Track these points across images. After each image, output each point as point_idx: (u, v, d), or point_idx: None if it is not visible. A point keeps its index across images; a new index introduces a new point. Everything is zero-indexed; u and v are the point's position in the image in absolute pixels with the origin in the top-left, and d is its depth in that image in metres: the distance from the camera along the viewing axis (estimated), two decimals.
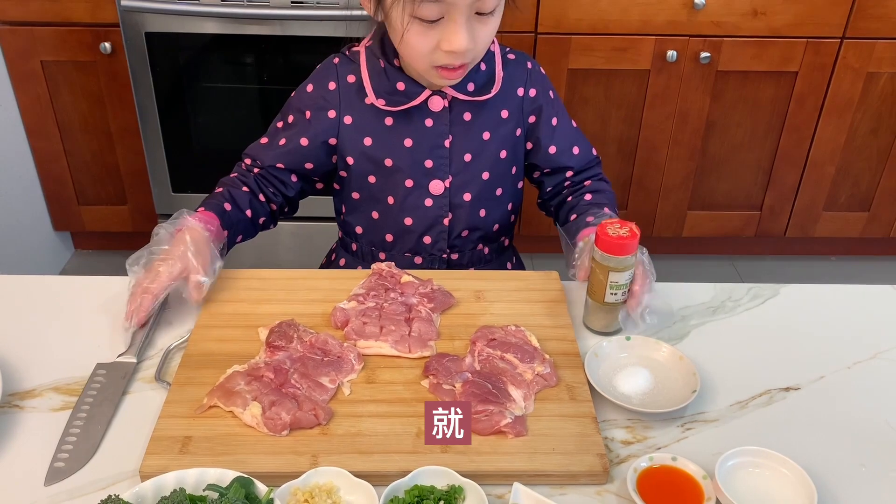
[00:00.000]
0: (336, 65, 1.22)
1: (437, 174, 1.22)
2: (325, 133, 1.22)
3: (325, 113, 1.21)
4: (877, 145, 2.31)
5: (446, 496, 0.80)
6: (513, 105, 1.23)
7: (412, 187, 1.23)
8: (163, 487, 0.78)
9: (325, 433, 0.89)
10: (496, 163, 1.24)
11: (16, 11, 2.06)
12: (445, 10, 1.02)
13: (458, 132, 1.21)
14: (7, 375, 0.96)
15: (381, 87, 1.18)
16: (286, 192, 1.26)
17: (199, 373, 0.97)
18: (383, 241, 1.29)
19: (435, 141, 1.21)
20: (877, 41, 2.12)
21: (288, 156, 1.23)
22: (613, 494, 0.85)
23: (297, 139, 1.22)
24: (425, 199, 1.24)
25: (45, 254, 2.46)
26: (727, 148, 2.31)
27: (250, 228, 1.23)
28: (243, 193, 1.21)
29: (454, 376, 0.96)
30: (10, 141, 2.23)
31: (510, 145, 1.24)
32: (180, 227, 1.08)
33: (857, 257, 2.61)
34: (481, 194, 1.25)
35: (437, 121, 1.20)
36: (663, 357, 1.01)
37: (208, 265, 1.07)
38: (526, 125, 1.25)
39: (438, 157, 1.21)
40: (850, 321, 1.11)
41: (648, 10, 2.07)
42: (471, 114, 1.21)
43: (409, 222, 1.26)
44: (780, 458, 0.84)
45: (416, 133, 1.20)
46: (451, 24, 1.04)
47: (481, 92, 1.19)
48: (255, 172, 1.25)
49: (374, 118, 1.20)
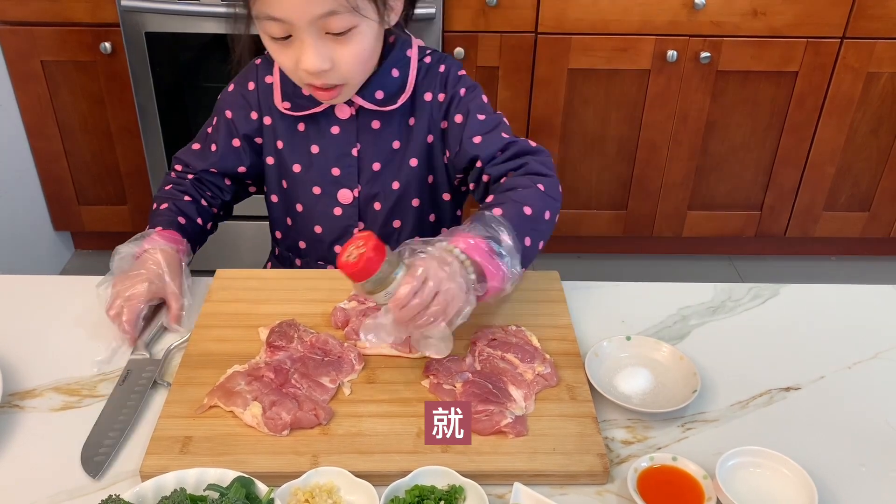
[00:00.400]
0: (257, 66, 1.21)
1: (344, 183, 1.20)
2: (251, 132, 1.21)
3: (247, 113, 1.20)
4: (877, 145, 2.31)
5: (447, 496, 0.80)
6: (422, 112, 1.17)
7: (320, 195, 1.22)
8: (163, 487, 0.78)
9: (326, 433, 0.89)
10: (407, 172, 1.20)
11: (16, 11, 2.06)
12: (291, 29, 0.99)
13: (366, 141, 1.18)
14: (7, 375, 0.96)
15: (290, 90, 1.16)
16: (222, 196, 1.25)
17: (199, 373, 0.97)
18: (298, 248, 1.29)
19: (342, 149, 1.18)
20: (877, 41, 2.12)
21: (222, 160, 1.22)
22: (614, 494, 0.85)
23: (227, 142, 1.21)
24: (334, 208, 1.22)
25: (46, 254, 2.46)
26: (727, 148, 2.31)
27: (203, 236, 1.22)
28: (188, 203, 1.19)
29: (454, 376, 0.96)
30: (11, 141, 2.23)
31: (422, 154, 1.19)
32: (146, 248, 1.07)
33: (857, 257, 2.61)
34: (393, 205, 1.22)
35: (343, 129, 1.17)
36: (663, 357, 1.01)
37: (184, 287, 1.07)
38: (438, 131, 1.19)
39: (346, 165, 1.19)
40: (850, 321, 1.11)
41: (649, 10, 2.07)
42: (379, 122, 1.17)
43: (319, 231, 1.24)
44: (781, 457, 0.84)
45: (323, 140, 1.18)
46: (300, 43, 1.00)
47: (391, 100, 1.15)
48: (189, 178, 1.22)
49: (289, 122, 1.19)
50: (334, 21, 0.98)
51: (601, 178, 2.36)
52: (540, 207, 1.03)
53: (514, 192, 1.04)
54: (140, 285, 1.03)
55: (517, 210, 1.01)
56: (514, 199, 1.02)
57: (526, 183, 1.06)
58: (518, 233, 0.97)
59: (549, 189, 1.06)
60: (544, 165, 1.10)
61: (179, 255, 1.09)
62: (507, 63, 2.14)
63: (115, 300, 1.03)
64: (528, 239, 0.99)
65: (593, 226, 2.44)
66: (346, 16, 0.99)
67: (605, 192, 2.39)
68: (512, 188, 1.05)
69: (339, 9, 0.98)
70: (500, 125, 1.15)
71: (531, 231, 1.00)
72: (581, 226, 2.44)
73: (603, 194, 2.39)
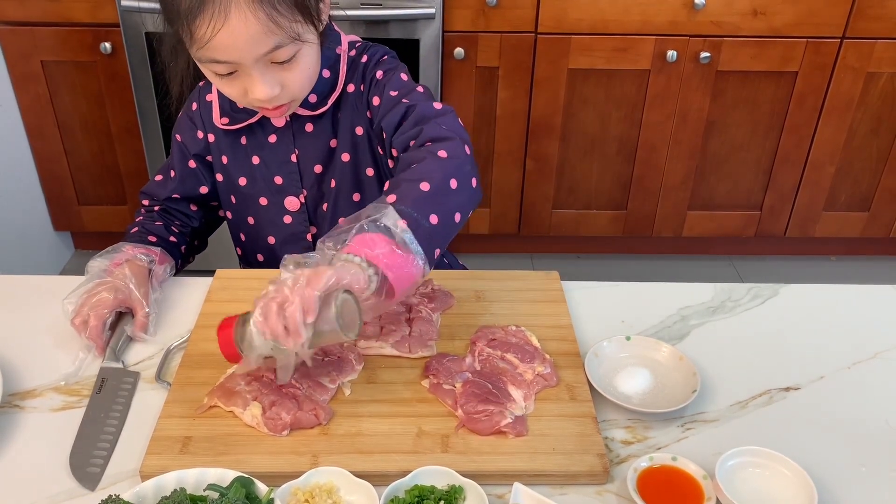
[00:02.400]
0: (200, 87, 1.21)
1: (289, 190, 1.20)
2: (202, 151, 1.21)
3: (194, 133, 1.21)
4: (877, 145, 2.31)
5: (447, 496, 0.80)
6: (346, 106, 1.15)
7: (267, 206, 1.22)
8: (163, 487, 0.78)
9: (326, 433, 0.89)
10: (340, 168, 1.18)
11: (16, 12, 2.06)
12: (236, 66, 0.98)
13: (303, 145, 1.17)
14: (7, 375, 0.97)
15: (226, 106, 1.17)
16: (191, 223, 1.25)
17: (199, 373, 0.97)
18: (257, 261, 1.29)
19: (281, 157, 1.18)
20: (877, 41, 2.12)
21: (182, 185, 1.22)
22: (613, 494, 0.85)
23: (183, 165, 1.22)
24: (283, 217, 1.22)
25: (46, 254, 2.46)
26: (727, 148, 2.31)
27: (179, 255, 1.21)
28: (158, 226, 1.20)
29: (454, 376, 0.96)
30: (11, 141, 2.23)
31: (352, 148, 1.17)
32: (119, 261, 1.08)
33: (856, 257, 2.61)
34: (338, 203, 1.21)
35: (280, 136, 1.17)
36: (663, 357, 1.01)
37: (150, 296, 1.07)
38: (366, 122, 1.15)
39: (287, 172, 1.19)
40: (850, 321, 1.11)
41: (648, 10, 2.07)
42: (312, 124, 1.16)
43: (273, 241, 1.25)
44: (781, 457, 0.84)
45: (262, 150, 1.18)
46: (247, 77, 1.00)
47: (323, 101, 1.14)
48: (156, 210, 1.23)
49: (228, 137, 1.19)
50: (279, 53, 0.98)
51: (601, 178, 2.36)
52: (441, 178, 0.93)
53: (409, 170, 0.95)
54: (106, 293, 1.03)
55: (413, 190, 0.91)
56: (408, 179, 0.93)
57: (421, 156, 0.97)
58: (421, 212, 0.89)
59: (452, 152, 0.97)
60: (445, 127, 1.01)
61: (146, 268, 1.09)
62: (507, 63, 2.14)
63: (80, 308, 1.03)
64: (434, 216, 0.90)
65: (593, 226, 2.44)
66: (290, 46, 0.98)
67: (604, 192, 2.39)
68: (407, 166, 0.97)
69: (284, 41, 0.97)
70: (411, 93, 1.08)
71: (435, 207, 0.91)
72: (581, 226, 2.44)
73: (603, 194, 2.39)
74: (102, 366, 1.00)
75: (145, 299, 1.05)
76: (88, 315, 1.01)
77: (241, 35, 0.94)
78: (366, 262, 0.84)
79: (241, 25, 0.93)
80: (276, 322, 0.81)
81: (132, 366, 1.01)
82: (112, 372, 0.99)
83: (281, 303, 0.82)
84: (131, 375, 0.99)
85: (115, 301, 1.03)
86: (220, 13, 0.93)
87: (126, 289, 1.04)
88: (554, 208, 2.41)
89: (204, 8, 0.93)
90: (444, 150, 0.97)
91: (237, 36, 0.94)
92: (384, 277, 0.85)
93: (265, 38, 0.96)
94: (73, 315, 1.03)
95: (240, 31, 0.94)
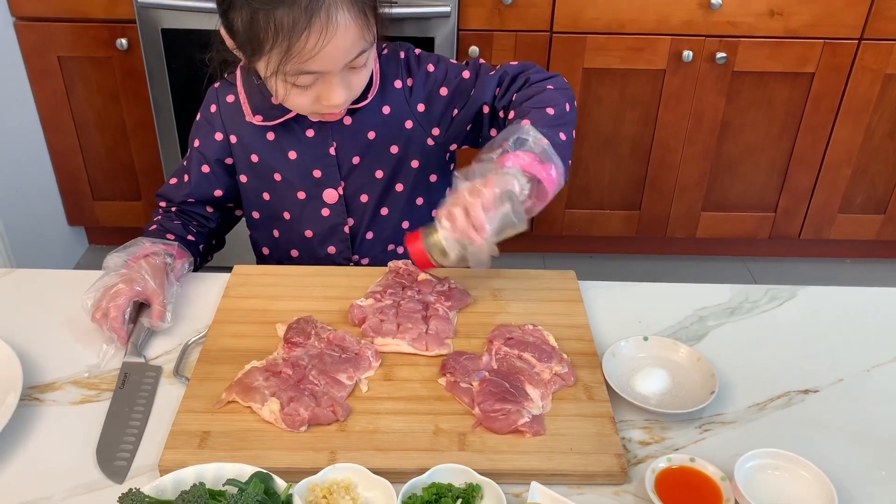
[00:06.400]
0: (216, 89, 1.22)
1: (328, 183, 1.21)
2: (219, 153, 1.22)
3: (212, 136, 1.21)
4: (893, 148, 2.29)
5: (464, 494, 0.80)
6: (394, 100, 1.19)
7: (305, 199, 1.23)
8: (182, 482, 0.78)
9: (343, 430, 0.89)
10: (388, 159, 1.21)
11: (33, 7, 2.07)
12: (321, 75, 1.02)
13: (341, 137, 1.19)
14: (27, 368, 0.97)
15: (258, 103, 1.17)
16: (208, 224, 1.27)
17: (217, 368, 0.97)
18: (290, 257, 1.30)
19: (319, 150, 1.19)
20: (895, 43, 2.11)
21: (197, 189, 1.23)
22: (631, 495, 0.84)
23: (198, 169, 1.23)
24: (321, 209, 1.23)
25: (60, 248, 2.47)
26: (742, 149, 2.30)
27: (197, 254, 1.22)
28: (175, 225, 1.22)
29: (471, 374, 0.96)
30: (27, 136, 2.24)
31: (402, 140, 1.20)
32: (137, 256, 1.09)
33: (872, 260, 2.60)
34: (380, 194, 1.23)
35: (318, 130, 1.18)
36: (681, 358, 1.01)
37: (165, 288, 1.07)
38: (417, 115, 1.20)
39: (326, 165, 1.20)
40: (868, 324, 1.10)
41: (664, 10, 2.06)
42: (351, 118, 1.18)
43: (310, 234, 1.26)
44: (799, 460, 0.84)
45: (300, 145, 1.19)
46: (325, 84, 1.03)
47: (362, 96, 1.16)
48: (173, 212, 1.25)
49: (257, 135, 1.19)
50: (360, 58, 1.04)
51: (615, 177, 2.35)
52: (558, 102, 1.10)
53: (531, 100, 1.10)
54: (122, 284, 1.04)
55: (541, 115, 1.07)
56: (534, 107, 1.08)
57: (536, 90, 1.12)
58: (552, 131, 1.03)
59: (557, 85, 1.13)
60: (539, 72, 1.17)
61: (164, 263, 1.10)
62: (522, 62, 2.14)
63: (99, 302, 1.03)
64: (562, 133, 1.06)
65: (607, 226, 2.44)
66: (369, 50, 1.05)
67: (618, 192, 2.38)
68: (528, 98, 1.11)
69: (366, 46, 1.03)
70: (482, 66, 1.20)
71: (562, 126, 1.07)
72: (594, 226, 2.44)
73: (616, 194, 2.39)
74: (125, 360, 1.00)
75: (161, 290, 1.06)
76: (108, 308, 1.02)
77: (344, 44, 0.99)
78: (520, 171, 0.97)
79: (345, 34, 0.98)
80: (465, 223, 0.95)
81: (152, 360, 1.02)
82: (134, 367, 0.99)
83: (463, 206, 0.95)
84: (154, 370, 0.99)
85: (132, 291, 1.04)
86: (330, 25, 0.97)
87: (142, 280, 1.05)
88: (567, 208, 2.40)
89: (312, 22, 0.96)
90: (551, 85, 1.13)
91: (340, 45, 0.99)
92: (536, 182, 0.99)
93: (357, 43, 1.01)
94: (93, 310, 1.03)
95: (344, 39, 0.99)
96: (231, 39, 1.06)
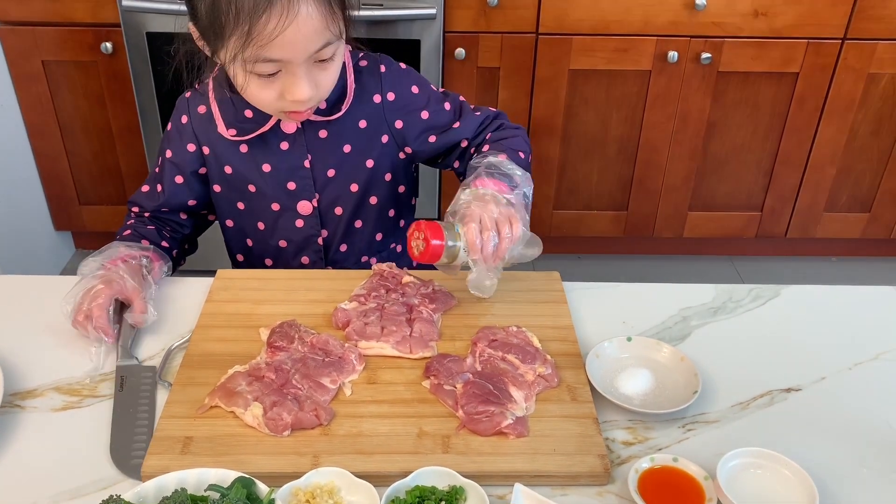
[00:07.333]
0: (187, 99, 1.22)
1: (302, 195, 1.21)
2: (192, 164, 1.22)
3: (184, 147, 1.21)
4: (878, 146, 2.31)
5: (448, 497, 0.80)
6: (371, 114, 1.19)
7: (279, 211, 1.23)
8: (164, 488, 0.78)
9: (327, 434, 0.89)
10: (363, 172, 1.22)
11: (17, 11, 2.06)
12: (283, 65, 1.01)
13: (316, 150, 1.19)
14: (8, 375, 0.96)
15: (230, 116, 1.17)
16: (182, 231, 1.27)
17: (200, 373, 0.97)
18: (264, 266, 1.30)
19: (294, 163, 1.19)
20: (878, 42, 2.12)
21: (171, 199, 1.23)
22: (614, 495, 0.85)
23: (171, 180, 1.22)
24: (296, 221, 1.24)
25: (46, 253, 2.46)
26: (728, 149, 2.31)
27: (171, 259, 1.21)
28: (150, 230, 1.22)
29: (455, 377, 0.96)
30: (12, 140, 2.23)
31: (377, 154, 1.21)
32: (114, 260, 1.08)
33: (857, 258, 2.61)
34: (354, 206, 1.24)
35: (292, 143, 1.18)
36: (664, 358, 1.01)
37: (144, 286, 1.07)
38: (394, 130, 1.21)
39: (300, 178, 1.20)
40: (851, 322, 1.11)
41: (649, 11, 2.07)
42: (326, 131, 1.18)
43: (284, 244, 1.26)
44: (782, 459, 0.84)
45: (274, 157, 1.19)
46: (290, 77, 1.02)
47: (333, 108, 1.16)
48: (146, 217, 1.25)
49: (231, 147, 1.19)
50: (326, 51, 1.02)
51: (602, 178, 2.36)
52: (525, 151, 1.21)
53: (507, 140, 1.20)
54: (101, 284, 1.04)
55: (514, 155, 1.16)
56: (510, 147, 1.18)
57: (510, 133, 1.23)
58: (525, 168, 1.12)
59: (521, 134, 1.24)
60: (509, 122, 1.27)
61: (141, 265, 1.09)
62: (508, 63, 2.14)
63: (79, 305, 1.03)
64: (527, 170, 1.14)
65: (594, 226, 2.44)
66: (335, 44, 1.03)
67: (605, 192, 2.39)
68: (504, 138, 1.21)
69: (332, 39, 1.01)
70: (463, 104, 1.26)
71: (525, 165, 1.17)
72: (581, 226, 2.44)
73: (603, 195, 2.39)
74: (118, 364, 1.00)
75: (140, 288, 1.05)
76: (90, 309, 1.02)
77: (306, 30, 0.97)
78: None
79: (307, 20, 0.97)
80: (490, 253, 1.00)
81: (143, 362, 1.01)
82: (129, 369, 0.99)
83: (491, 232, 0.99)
84: (149, 370, 0.99)
85: (112, 290, 1.03)
86: (291, 9, 0.95)
87: (121, 279, 1.05)
88: (554, 209, 2.41)
89: (273, 3, 0.95)
90: (517, 132, 1.23)
91: (302, 31, 0.97)
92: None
93: (321, 34, 0.99)
94: (74, 314, 1.02)
95: (305, 26, 0.97)
96: (196, 29, 1.05)
